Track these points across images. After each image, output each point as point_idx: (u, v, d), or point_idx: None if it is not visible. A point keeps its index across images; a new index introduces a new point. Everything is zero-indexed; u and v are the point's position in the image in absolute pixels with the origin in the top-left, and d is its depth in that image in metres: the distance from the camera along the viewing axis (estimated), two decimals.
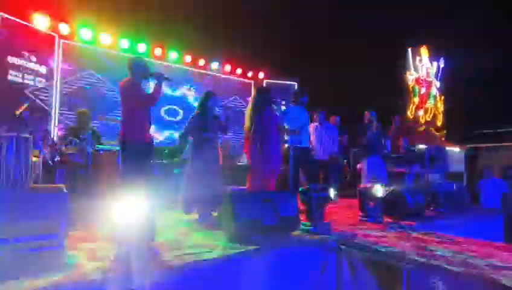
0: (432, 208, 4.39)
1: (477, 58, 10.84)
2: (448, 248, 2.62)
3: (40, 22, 6.44)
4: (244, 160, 5.62)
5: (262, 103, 3.82)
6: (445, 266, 2.12)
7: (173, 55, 8.31)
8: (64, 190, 2.44)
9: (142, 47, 7.80)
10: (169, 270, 2.03)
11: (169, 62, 8.25)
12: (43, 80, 6.54)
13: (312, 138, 5.25)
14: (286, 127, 4.37)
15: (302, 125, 4.67)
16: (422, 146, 8.73)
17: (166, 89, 8.14)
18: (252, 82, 9.47)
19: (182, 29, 8.15)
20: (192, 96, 8.70)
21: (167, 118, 8.34)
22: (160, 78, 3.03)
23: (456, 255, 2.43)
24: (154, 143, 3.22)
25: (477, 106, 10.73)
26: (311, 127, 5.27)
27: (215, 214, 3.57)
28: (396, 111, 10.82)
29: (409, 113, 11.00)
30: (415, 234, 3.17)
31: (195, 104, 6.61)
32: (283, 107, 4.31)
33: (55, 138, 5.96)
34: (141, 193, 2.18)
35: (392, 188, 3.95)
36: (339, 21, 10.89)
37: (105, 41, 7.32)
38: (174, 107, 8.46)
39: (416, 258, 2.32)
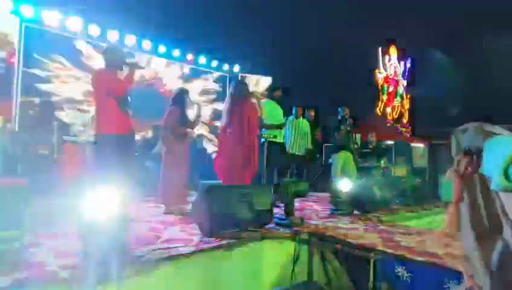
0: (397, 201, 4.63)
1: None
2: (412, 238, 2.79)
3: (2, 3, 6.00)
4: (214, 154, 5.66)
5: (240, 95, 3.82)
6: (408, 256, 2.26)
7: (146, 44, 8.05)
8: (27, 184, 2.32)
9: (113, 34, 7.48)
10: (141, 266, 2.01)
11: (142, 52, 7.99)
12: (3, 66, 6.12)
13: (287, 132, 5.33)
14: (267, 122, 4.53)
15: (279, 120, 4.76)
16: (389, 142, 9.13)
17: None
18: (227, 75, 9.39)
19: (157, 18, 7.91)
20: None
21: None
22: (133, 66, 2.95)
23: (419, 244, 2.59)
24: (133, 134, 3.19)
25: (440, 103, 11.37)
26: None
27: (188, 207, 3.55)
28: (367, 107, 11.26)
29: (378, 110, 11.45)
30: (381, 226, 3.33)
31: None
32: (263, 100, 4.35)
33: (17, 128, 5.62)
34: (113, 187, 2.12)
35: (361, 182, 4.11)
36: (314, 18, 11.06)
37: (73, 26, 6.94)
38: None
39: (382, 248, 2.44)
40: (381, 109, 11.54)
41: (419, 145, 10.12)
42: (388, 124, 11.47)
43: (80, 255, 1.99)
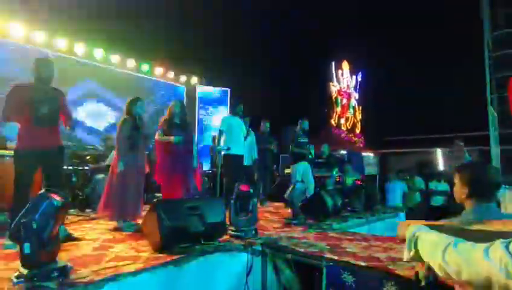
0: (348, 208, 4.85)
1: (390, 75, 12.35)
2: (358, 245, 2.94)
3: None
4: None
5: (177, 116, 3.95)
6: (353, 261, 2.38)
7: (98, 53, 7.76)
8: None
9: (61, 43, 7.12)
10: (85, 288, 1.91)
11: (94, 61, 7.68)
12: None
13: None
14: (226, 136, 4.91)
15: (237, 135, 4.92)
16: (343, 152, 9.58)
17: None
18: (184, 87, 9.30)
19: (108, 26, 7.67)
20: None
21: (89, 122, 7.73)
22: None
23: (363, 250, 2.74)
24: (55, 148, 3.07)
25: (389, 116, 12.20)
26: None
27: (139, 222, 3.43)
28: (321, 119, 11.75)
29: (332, 121, 11.97)
30: (332, 233, 3.48)
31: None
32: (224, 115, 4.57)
33: None
34: (49, 203, 1.99)
35: (314, 191, 4.26)
36: (272, 32, 11.41)
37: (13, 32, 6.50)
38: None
39: (330, 255, 2.55)
40: (336, 120, 12.09)
41: (370, 154, 10.76)
42: (342, 135, 12.03)
43: (14, 280, 1.85)
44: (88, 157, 5.78)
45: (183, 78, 9.25)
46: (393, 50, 12.81)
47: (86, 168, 5.52)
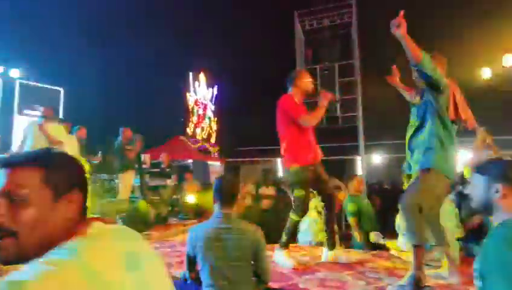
0: (179, 217, 4.94)
1: (240, 89, 13.45)
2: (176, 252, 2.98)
3: None
4: None
5: None
6: None
7: None
8: None
9: None
10: None
11: None
12: None
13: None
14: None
15: None
16: (189, 160, 9.79)
17: None
18: (1, 80, 7.64)
19: None
20: None
21: None
22: None
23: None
24: None
25: (241, 128, 13.22)
26: None
27: None
28: (175, 127, 11.73)
29: (188, 130, 12.11)
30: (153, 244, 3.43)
31: None
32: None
33: None
34: None
35: (136, 202, 4.14)
36: (125, 35, 10.76)
37: None
38: None
39: None
40: (192, 130, 12.29)
41: (216, 163, 11.40)
42: (198, 144, 12.30)
43: None
44: None
45: None
46: (243, 66, 14.02)
47: None
